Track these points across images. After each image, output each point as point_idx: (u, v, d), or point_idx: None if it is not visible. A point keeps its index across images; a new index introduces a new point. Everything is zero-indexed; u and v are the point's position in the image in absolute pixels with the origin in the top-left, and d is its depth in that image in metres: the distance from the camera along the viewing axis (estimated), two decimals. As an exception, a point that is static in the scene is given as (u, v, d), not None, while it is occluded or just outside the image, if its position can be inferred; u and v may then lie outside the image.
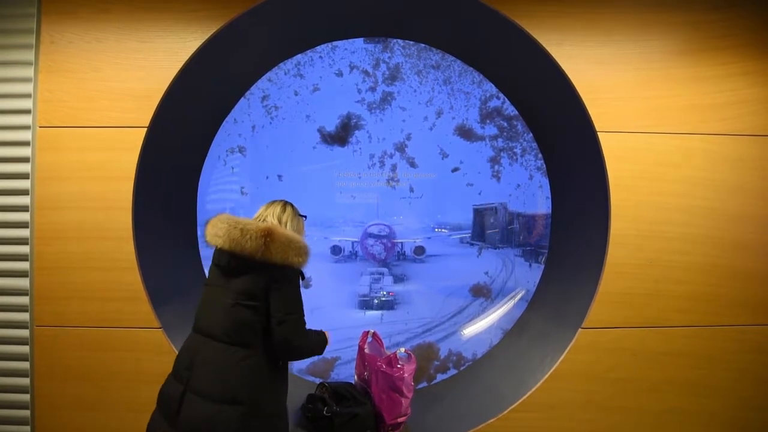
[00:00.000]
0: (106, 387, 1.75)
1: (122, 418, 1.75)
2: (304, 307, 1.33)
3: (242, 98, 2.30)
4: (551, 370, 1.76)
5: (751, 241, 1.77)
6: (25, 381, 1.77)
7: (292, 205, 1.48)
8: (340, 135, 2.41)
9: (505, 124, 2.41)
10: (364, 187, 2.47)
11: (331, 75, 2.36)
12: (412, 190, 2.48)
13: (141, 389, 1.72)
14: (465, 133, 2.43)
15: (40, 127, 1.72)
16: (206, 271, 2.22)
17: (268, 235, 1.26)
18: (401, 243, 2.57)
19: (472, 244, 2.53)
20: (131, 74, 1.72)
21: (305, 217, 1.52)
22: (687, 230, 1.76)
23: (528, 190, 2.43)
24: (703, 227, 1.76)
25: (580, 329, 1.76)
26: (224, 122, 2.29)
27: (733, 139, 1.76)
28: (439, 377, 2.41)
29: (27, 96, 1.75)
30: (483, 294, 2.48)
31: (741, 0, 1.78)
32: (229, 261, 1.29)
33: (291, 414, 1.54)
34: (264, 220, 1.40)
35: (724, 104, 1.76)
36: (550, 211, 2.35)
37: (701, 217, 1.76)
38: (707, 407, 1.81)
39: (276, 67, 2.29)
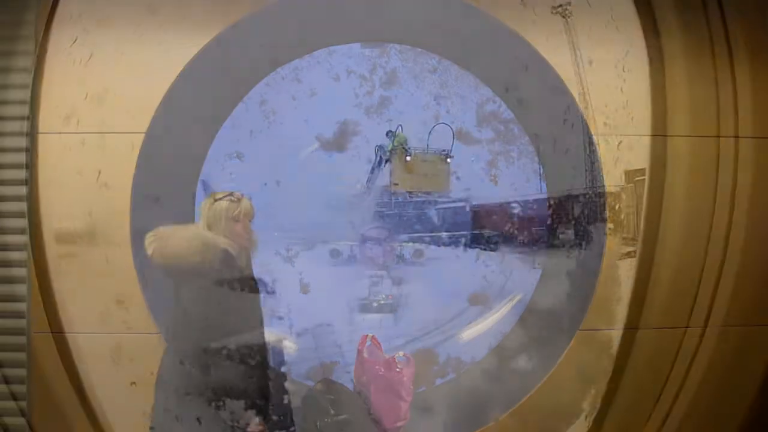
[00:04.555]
0: (105, 394, 1.74)
1: (121, 426, 1.74)
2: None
3: (240, 103, 2.31)
4: (549, 373, 1.76)
5: (745, 241, 1.78)
6: (22, 388, 1.76)
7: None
8: (338, 141, 2.42)
9: (502, 128, 2.42)
10: (362, 191, 2.47)
11: (328, 80, 2.37)
12: (410, 194, 2.48)
13: (140, 396, 1.71)
14: (462, 137, 2.45)
15: (38, 133, 1.71)
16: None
17: None
18: (400, 246, 2.57)
19: (470, 247, 2.53)
20: (129, 80, 1.72)
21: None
22: (683, 232, 1.77)
23: (525, 194, 2.44)
24: (699, 228, 1.77)
25: (578, 332, 1.76)
26: (222, 127, 2.29)
27: (727, 140, 1.77)
28: (438, 381, 2.39)
29: (25, 102, 1.75)
30: (481, 300, 2.48)
31: (733, 2, 1.81)
32: None
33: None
34: None
35: (718, 105, 1.78)
36: (547, 213, 2.36)
37: (698, 218, 1.77)
38: (705, 408, 1.81)
39: (274, 72, 2.30)
